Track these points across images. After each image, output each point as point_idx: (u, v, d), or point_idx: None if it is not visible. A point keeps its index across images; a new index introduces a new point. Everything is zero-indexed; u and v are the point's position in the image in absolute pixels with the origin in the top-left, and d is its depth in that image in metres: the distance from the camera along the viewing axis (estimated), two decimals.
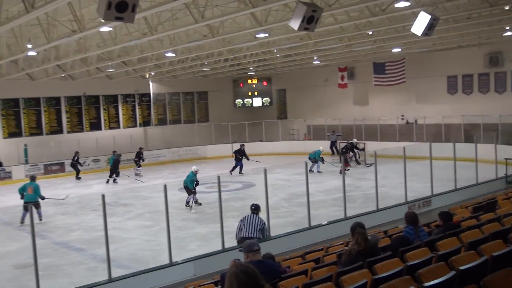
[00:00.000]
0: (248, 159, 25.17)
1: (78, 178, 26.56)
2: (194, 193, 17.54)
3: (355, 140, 26.87)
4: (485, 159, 19.24)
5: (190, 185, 17.49)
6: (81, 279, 10.82)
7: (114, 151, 26.10)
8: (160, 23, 15.81)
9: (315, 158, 24.35)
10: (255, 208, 10.87)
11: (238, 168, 25.20)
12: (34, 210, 15.34)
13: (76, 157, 26.51)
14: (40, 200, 16.28)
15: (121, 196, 20.67)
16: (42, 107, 29.43)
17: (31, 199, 15.83)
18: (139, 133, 33.22)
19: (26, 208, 15.51)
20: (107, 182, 24.47)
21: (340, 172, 23.05)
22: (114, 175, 24.53)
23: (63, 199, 17.42)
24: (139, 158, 26.94)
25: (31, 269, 9.33)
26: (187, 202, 17.65)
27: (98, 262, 12.05)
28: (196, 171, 18.05)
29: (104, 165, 29.48)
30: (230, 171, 24.73)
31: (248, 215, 10.77)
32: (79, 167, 26.57)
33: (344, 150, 25.65)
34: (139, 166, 26.68)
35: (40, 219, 16.27)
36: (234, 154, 26.32)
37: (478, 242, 6.32)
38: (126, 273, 10.43)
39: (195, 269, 10.85)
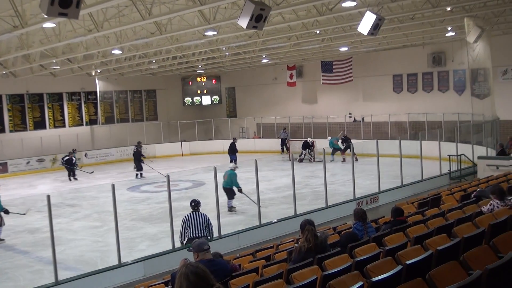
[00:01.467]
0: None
1: (74, 177, 25.26)
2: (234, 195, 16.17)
3: (309, 139, 27.29)
4: (429, 156, 19.81)
5: (236, 184, 15.96)
6: (27, 283, 10.55)
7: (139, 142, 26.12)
8: (106, 19, 15.47)
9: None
10: (195, 205, 10.78)
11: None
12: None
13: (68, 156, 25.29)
14: (3, 214, 14.26)
15: (67, 197, 20.20)
16: None
17: None
18: (86, 132, 32.48)
19: None
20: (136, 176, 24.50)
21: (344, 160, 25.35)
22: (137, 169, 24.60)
23: (24, 214, 15.50)
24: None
25: None
26: (231, 207, 16.17)
27: (44, 265, 11.74)
28: (234, 168, 16.59)
29: (50, 165, 28.75)
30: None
31: (190, 214, 10.63)
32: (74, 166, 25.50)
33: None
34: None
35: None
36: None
37: (424, 237, 6.48)
38: (73, 275, 10.22)
39: (145, 270, 10.74)
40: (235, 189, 15.92)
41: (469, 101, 24.25)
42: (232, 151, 26.46)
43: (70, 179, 24.90)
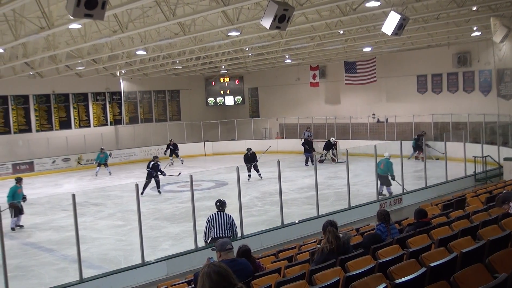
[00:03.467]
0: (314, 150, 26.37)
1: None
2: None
3: (332, 139, 27.09)
4: (454, 157, 19.58)
5: (391, 172, 16.87)
6: (52, 280, 10.68)
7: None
8: (130, 20, 15.63)
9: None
10: (220, 205, 10.79)
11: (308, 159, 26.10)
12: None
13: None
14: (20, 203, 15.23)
15: (92, 196, 20.42)
16: (10, 105, 28.84)
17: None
18: (110, 132, 32.84)
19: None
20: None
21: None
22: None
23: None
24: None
25: None
26: (390, 193, 16.96)
27: (68, 263, 11.89)
28: (389, 156, 17.23)
29: (75, 164, 29.14)
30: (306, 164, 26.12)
31: (214, 214, 10.66)
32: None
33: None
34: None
35: (13, 228, 15.13)
36: (303, 146, 27.15)
37: (448, 239, 6.42)
38: (97, 274, 10.32)
39: (167, 269, 10.81)
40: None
41: (495, 102, 23.93)
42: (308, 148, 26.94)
43: (159, 192, 20.58)
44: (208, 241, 10.65)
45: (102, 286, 9.91)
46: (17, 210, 15.19)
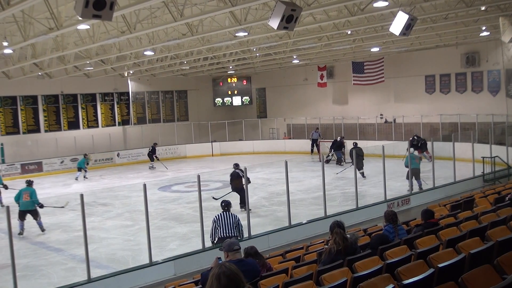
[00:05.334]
0: None
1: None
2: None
3: (339, 138, 26.92)
4: (462, 157, 19.50)
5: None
6: (60, 280, 10.73)
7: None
8: (138, 21, 15.69)
9: None
10: (226, 205, 10.80)
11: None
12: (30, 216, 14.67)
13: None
14: (38, 208, 14.71)
15: (100, 196, 20.49)
16: (18, 105, 29.00)
17: (28, 207, 14.54)
18: (118, 132, 32.96)
19: (22, 217, 14.44)
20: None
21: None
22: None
23: (62, 207, 15.94)
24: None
25: (8, 270, 9.21)
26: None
27: (77, 263, 11.94)
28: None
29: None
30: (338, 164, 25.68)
31: (220, 214, 10.66)
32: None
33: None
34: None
35: (42, 230, 14.86)
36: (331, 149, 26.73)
37: (456, 240, 6.40)
38: (105, 273, 10.36)
39: (175, 269, 10.82)
40: None
41: (503, 102, 23.82)
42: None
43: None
44: (215, 241, 10.66)
45: (110, 286, 9.94)
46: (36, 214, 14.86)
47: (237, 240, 7.25)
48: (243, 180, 14.75)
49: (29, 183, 15.40)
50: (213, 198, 16.57)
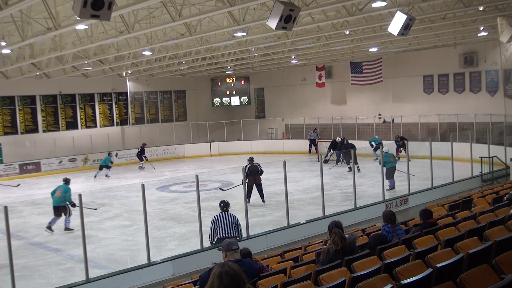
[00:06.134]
0: None
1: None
2: None
3: (338, 139, 26.91)
4: (460, 157, 19.52)
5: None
6: (58, 280, 10.72)
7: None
8: (137, 21, 15.68)
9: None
10: (225, 205, 10.80)
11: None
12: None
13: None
14: (70, 207, 14.77)
15: (98, 196, 20.47)
16: (17, 105, 28.97)
17: (58, 203, 14.72)
18: (117, 132, 32.93)
19: (55, 213, 14.69)
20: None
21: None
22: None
23: (95, 209, 16.19)
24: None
25: (6, 270, 9.21)
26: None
27: (75, 263, 11.92)
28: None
29: (81, 164, 29.24)
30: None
31: (219, 215, 10.65)
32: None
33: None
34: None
35: (67, 229, 14.86)
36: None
37: (454, 240, 6.40)
38: (104, 274, 10.35)
39: (173, 269, 10.82)
40: None
41: (501, 102, 23.85)
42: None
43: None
44: (214, 242, 10.67)
45: (108, 286, 9.93)
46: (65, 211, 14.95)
47: (236, 240, 7.26)
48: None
49: (66, 181, 15.53)
50: (220, 189, 17.57)
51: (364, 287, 4.79)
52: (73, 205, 14.57)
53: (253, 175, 16.54)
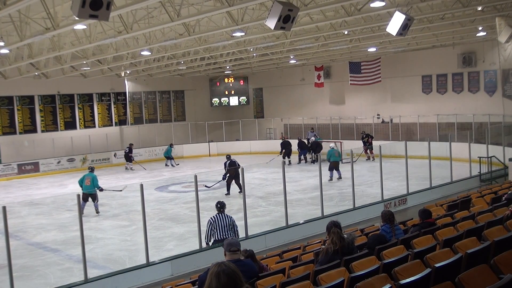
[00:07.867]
0: None
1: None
2: None
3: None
4: (459, 157, 19.52)
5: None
6: (57, 280, 10.71)
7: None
8: (135, 21, 15.66)
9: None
10: (221, 206, 10.80)
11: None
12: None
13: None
14: (98, 191, 16.71)
15: (98, 196, 20.40)
16: (15, 105, 28.95)
17: (89, 190, 16.46)
18: (115, 132, 32.90)
19: (85, 199, 16.07)
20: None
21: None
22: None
23: (120, 190, 17.97)
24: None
25: (5, 270, 9.19)
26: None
27: (73, 263, 11.91)
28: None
29: (80, 164, 29.21)
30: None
31: (216, 216, 10.64)
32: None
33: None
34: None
35: (97, 212, 16.73)
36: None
37: (453, 240, 6.40)
38: (102, 274, 10.34)
39: (172, 269, 10.81)
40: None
41: (500, 102, 23.87)
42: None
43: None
44: (210, 243, 10.66)
45: (107, 286, 9.93)
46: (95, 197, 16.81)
47: (237, 240, 7.24)
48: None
49: (91, 169, 17.29)
50: (205, 186, 19.39)
51: (363, 287, 4.79)
52: (101, 190, 16.83)
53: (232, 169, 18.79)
